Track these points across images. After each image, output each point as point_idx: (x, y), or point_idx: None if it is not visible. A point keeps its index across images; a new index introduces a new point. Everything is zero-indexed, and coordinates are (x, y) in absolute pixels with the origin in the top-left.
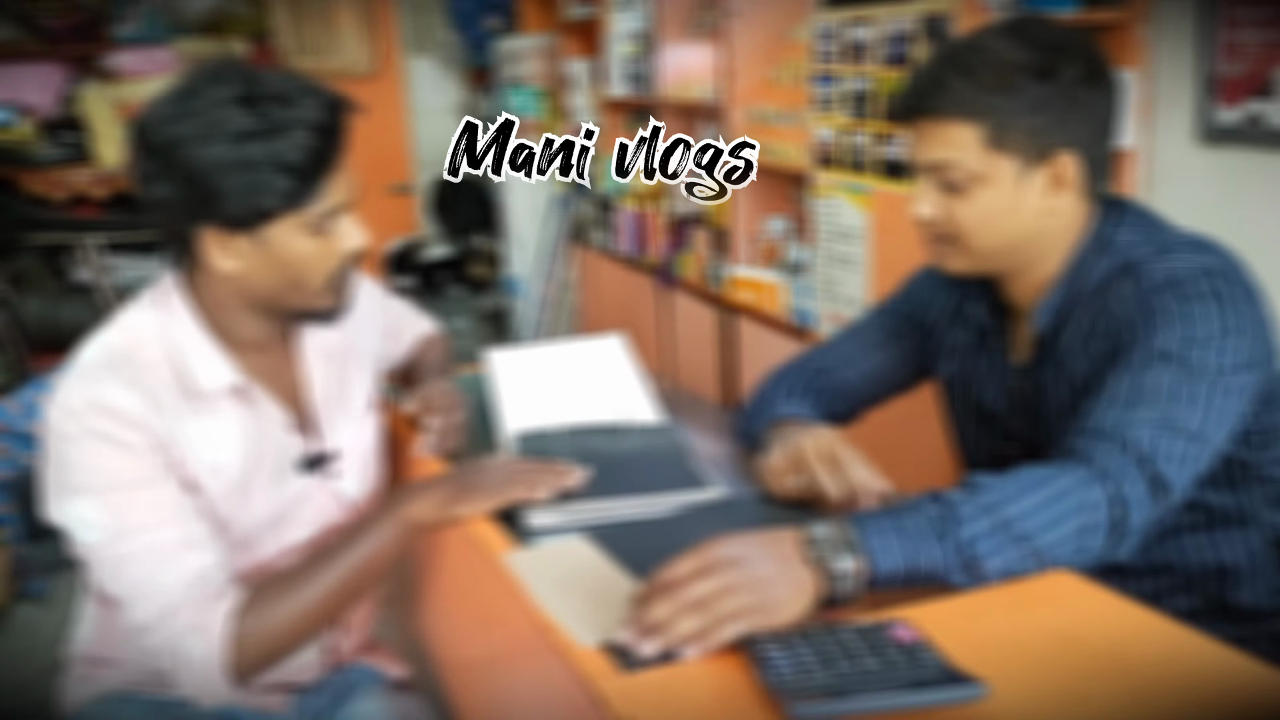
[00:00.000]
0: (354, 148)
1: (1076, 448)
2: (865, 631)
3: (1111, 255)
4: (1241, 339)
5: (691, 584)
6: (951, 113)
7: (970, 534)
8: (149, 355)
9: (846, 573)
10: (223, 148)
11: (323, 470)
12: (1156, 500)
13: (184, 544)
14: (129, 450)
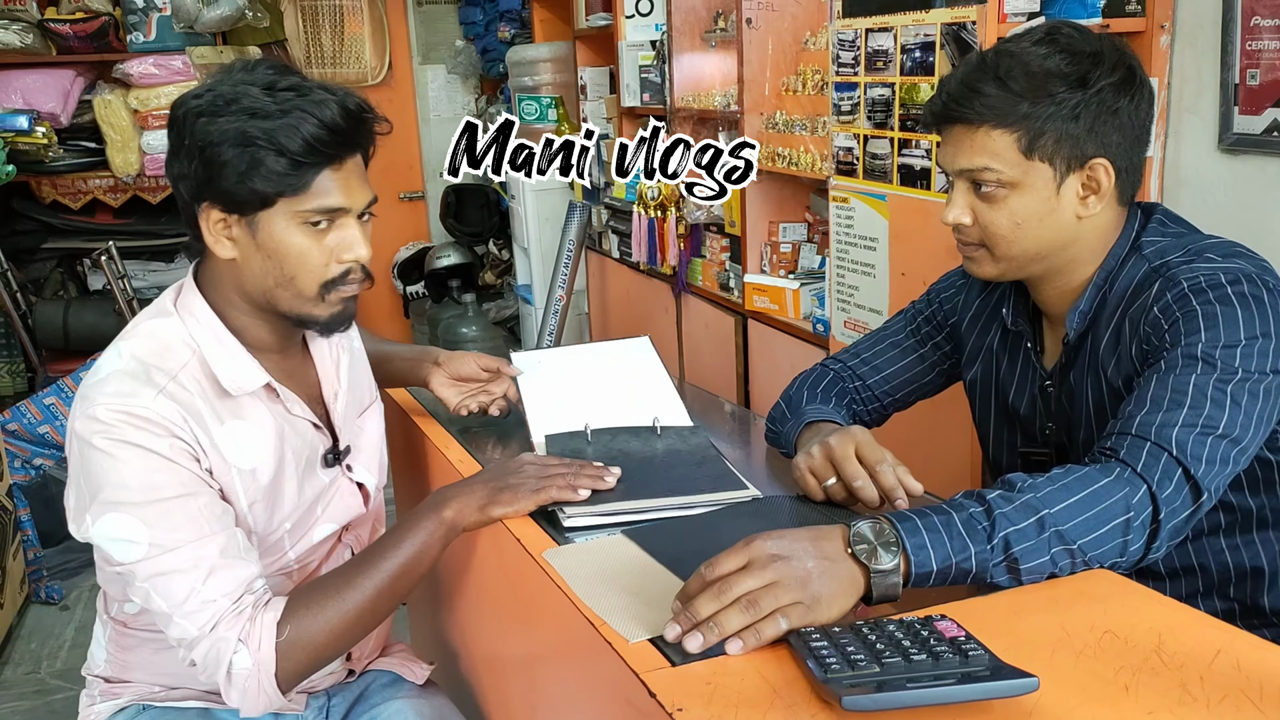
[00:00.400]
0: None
1: (1111, 449)
2: (911, 626)
3: (1142, 260)
4: (1272, 342)
5: (738, 579)
6: (987, 120)
7: (1010, 533)
8: (178, 360)
9: (891, 570)
10: (229, 122)
11: (341, 464)
12: (1191, 502)
13: (226, 555)
14: (166, 461)
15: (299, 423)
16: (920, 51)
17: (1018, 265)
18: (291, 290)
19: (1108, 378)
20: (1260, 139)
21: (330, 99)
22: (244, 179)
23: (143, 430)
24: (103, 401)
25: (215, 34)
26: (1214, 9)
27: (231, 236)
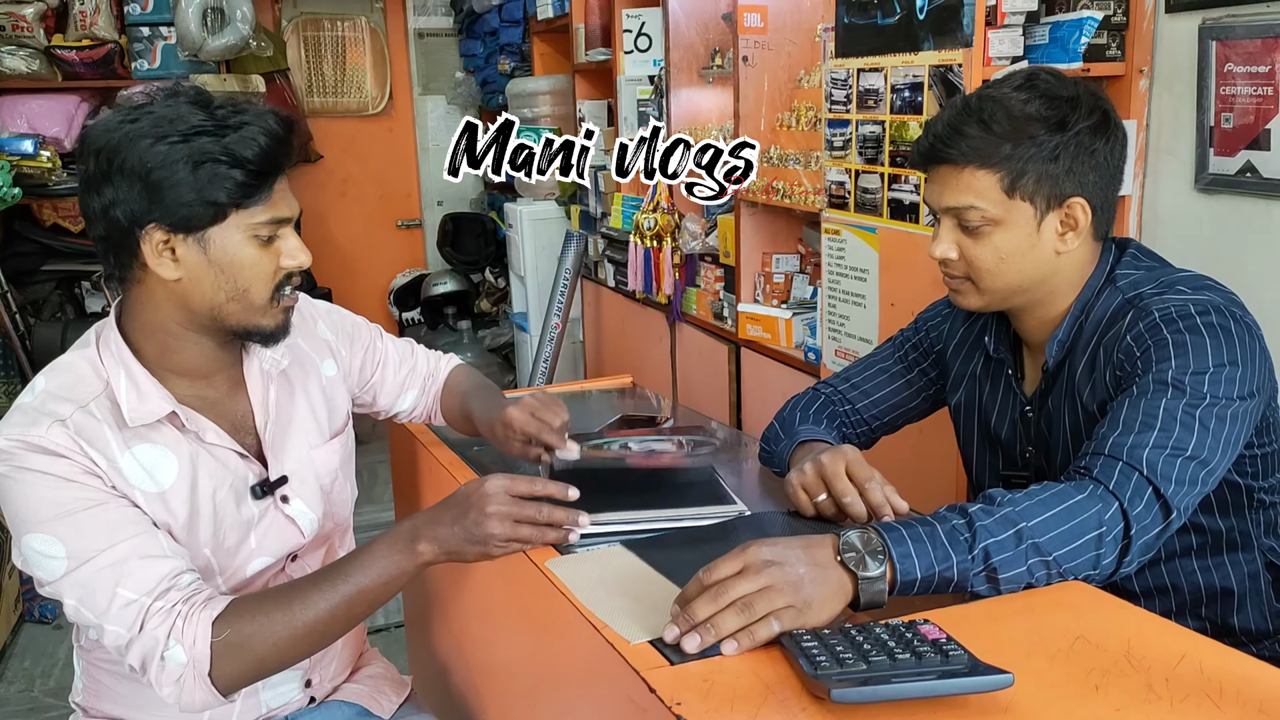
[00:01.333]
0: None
1: (1085, 468)
2: (896, 629)
3: (1116, 291)
4: (1240, 370)
5: (734, 583)
6: (972, 161)
7: (990, 544)
8: (88, 390)
9: (877, 576)
10: (174, 143)
11: (274, 495)
12: (1161, 519)
13: (143, 555)
14: (64, 480)
15: (217, 450)
16: (909, 91)
17: (1001, 297)
18: (244, 303)
19: (1083, 403)
20: (1234, 179)
21: (265, 112)
22: (201, 194)
23: (40, 455)
24: (5, 432)
25: (219, 62)
26: (1190, 55)
27: (176, 257)
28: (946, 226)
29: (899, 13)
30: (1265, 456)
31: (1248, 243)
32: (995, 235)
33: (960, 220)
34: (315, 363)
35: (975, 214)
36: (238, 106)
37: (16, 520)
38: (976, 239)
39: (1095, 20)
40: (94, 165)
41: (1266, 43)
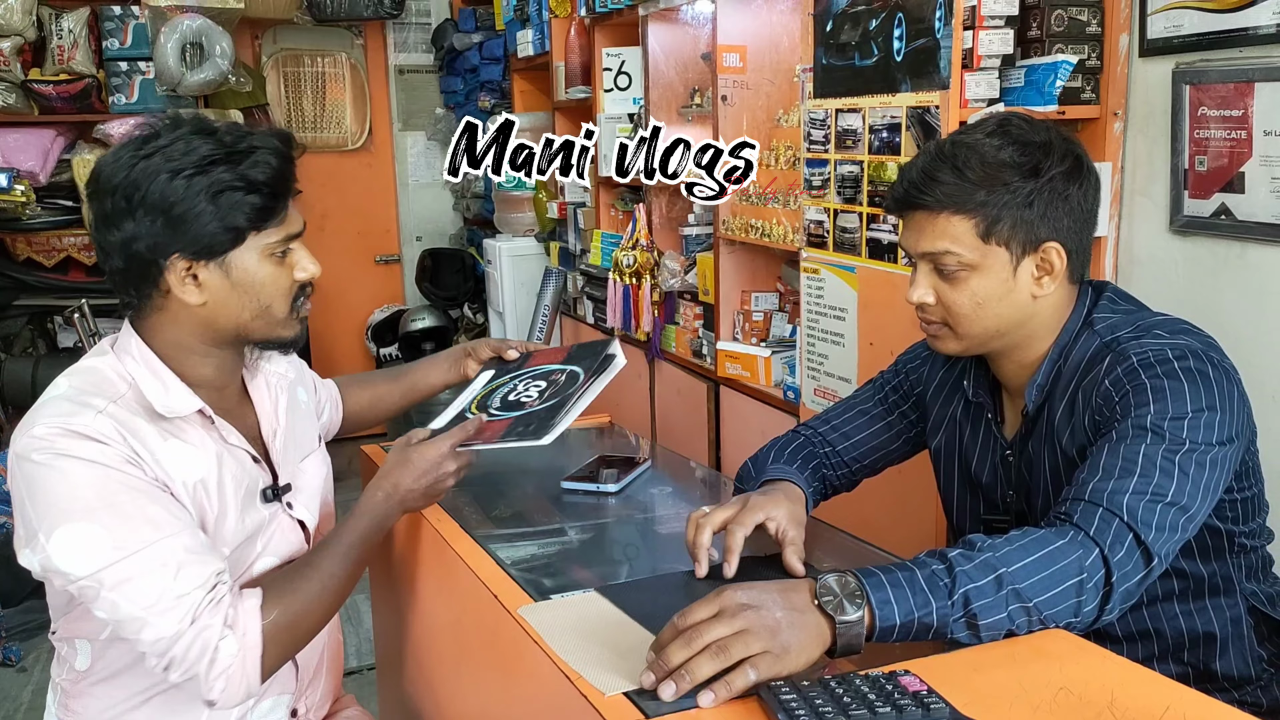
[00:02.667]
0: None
1: (1066, 514)
2: (876, 680)
3: (1094, 335)
4: (1218, 415)
5: (708, 627)
6: (947, 207)
7: (970, 589)
8: (116, 390)
9: (855, 621)
10: (192, 175)
11: (281, 500)
12: (1143, 566)
13: (191, 550)
14: (108, 468)
15: (237, 452)
16: (887, 132)
17: (978, 342)
18: (267, 317)
19: (1062, 447)
20: (1209, 222)
21: (268, 134)
22: (222, 223)
23: (84, 443)
24: (42, 421)
25: (197, 97)
26: (1164, 98)
27: (200, 283)
28: (923, 271)
29: (877, 55)
30: (1245, 501)
31: (1223, 284)
32: (972, 280)
33: (937, 265)
34: (300, 383)
35: (951, 259)
36: (242, 132)
37: (51, 511)
38: (953, 284)
39: (1070, 64)
40: (111, 202)
41: (1239, 87)
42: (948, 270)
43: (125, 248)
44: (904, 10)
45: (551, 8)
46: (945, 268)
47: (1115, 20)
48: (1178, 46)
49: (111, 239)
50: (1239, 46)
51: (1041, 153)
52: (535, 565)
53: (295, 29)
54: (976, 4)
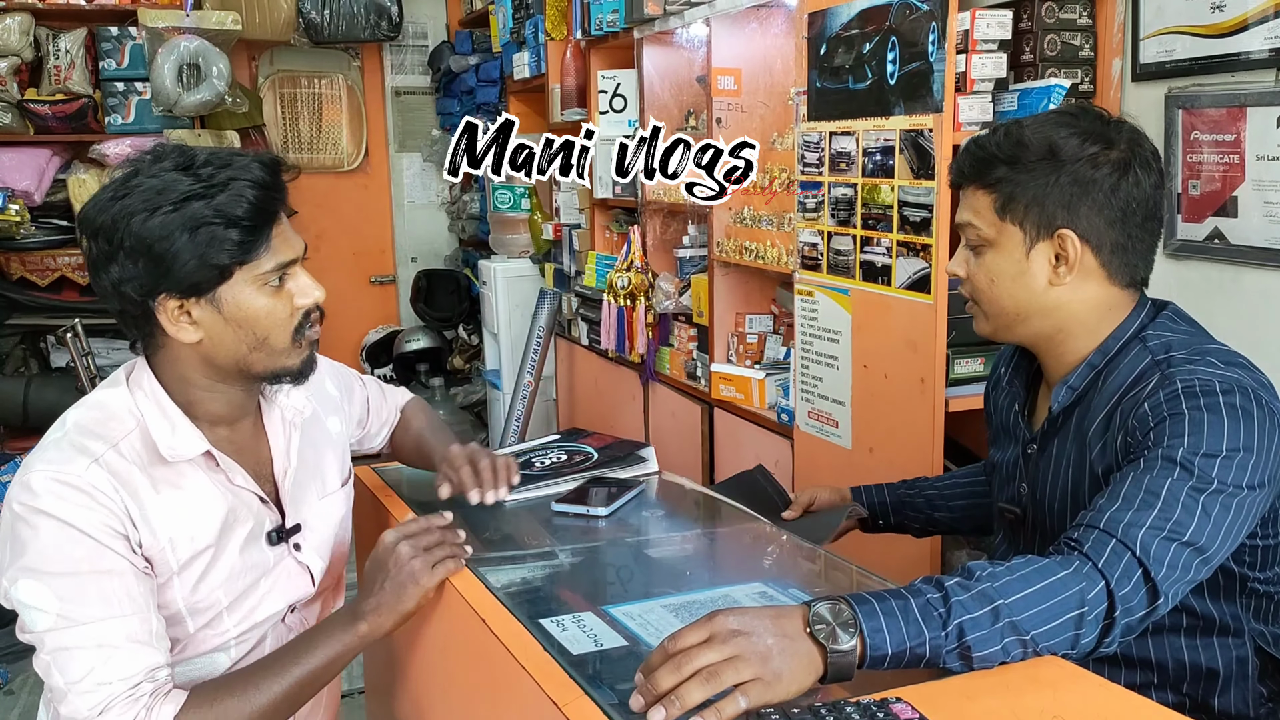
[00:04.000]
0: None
1: (1076, 541)
2: (867, 708)
3: (1145, 351)
4: (1253, 457)
5: (698, 652)
6: (974, 180)
7: (965, 621)
8: (121, 429)
9: (848, 650)
10: (167, 213)
11: (288, 543)
12: (1147, 603)
13: (133, 639)
14: (86, 537)
15: (243, 493)
16: (881, 155)
17: (1003, 324)
18: (266, 350)
19: (1091, 460)
20: (1202, 245)
21: (249, 162)
22: (203, 259)
23: (68, 502)
24: (38, 469)
25: (193, 118)
26: (1157, 123)
27: (193, 320)
28: (961, 245)
29: (870, 78)
30: (1267, 549)
31: (1216, 309)
32: (988, 256)
33: (965, 238)
34: (323, 417)
35: (972, 232)
36: (222, 161)
37: (18, 561)
38: (978, 259)
39: (1063, 88)
40: (96, 246)
41: (1231, 112)
42: (972, 243)
43: (116, 289)
44: (898, 34)
45: (547, 30)
46: (970, 241)
47: (1108, 45)
48: (1170, 71)
49: (102, 281)
50: (1231, 71)
51: (1080, 140)
52: (525, 589)
53: (292, 51)
54: (970, 28)
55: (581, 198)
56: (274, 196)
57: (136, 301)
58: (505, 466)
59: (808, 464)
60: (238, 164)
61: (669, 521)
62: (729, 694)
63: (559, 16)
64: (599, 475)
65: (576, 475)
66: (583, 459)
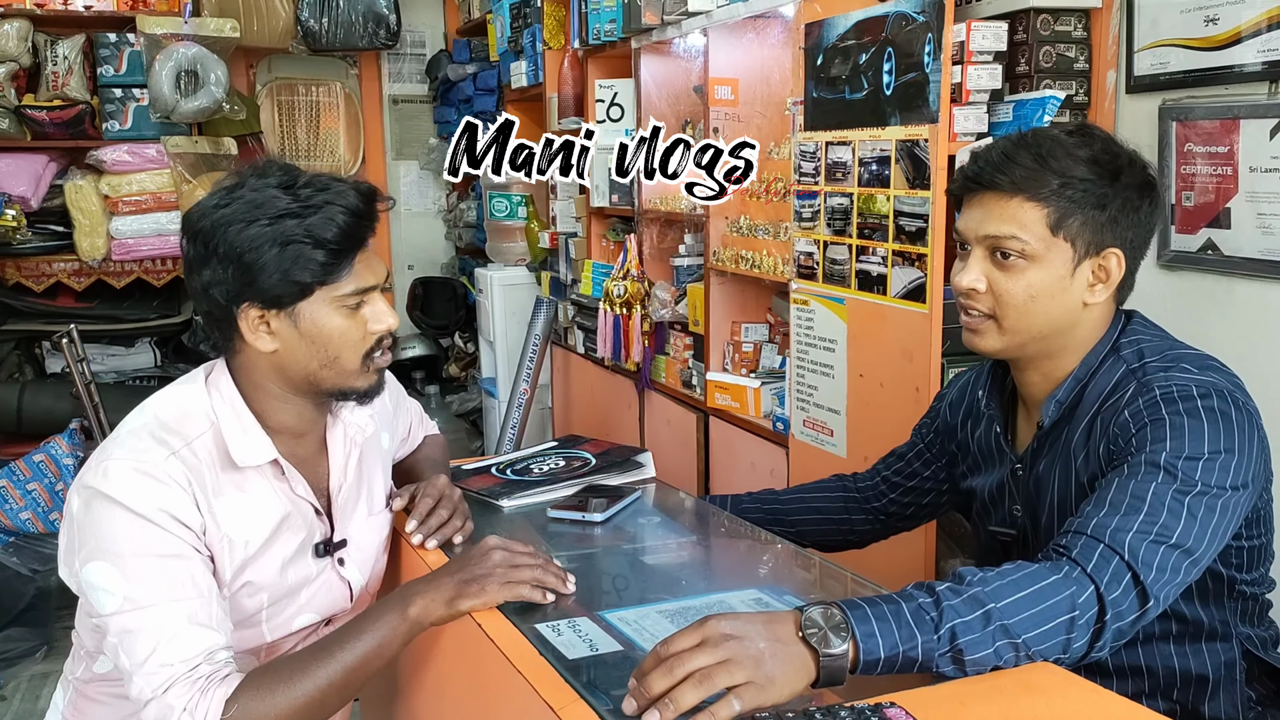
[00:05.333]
0: None
1: (1065, 547)
2: (862, 713)
3: (1120, 361)
4: (1235, 458)
5: (691, 656)
6: (1022, 190)
7: (957, 624)
8: (196, 429)
9: (840, 654)
10: (262, 226)
11: (333, 556)
12: (1138, 606)
13: (194, 621)
14: (155, 526)
15: (301, 504)
16: (877, 165)
17: (1020, 342)
18: (336, 369)
19: (1076, 470)
20: (1196, 256)
21: (346, 189)
22: (287, 275)
23: (142, 490)
24: (118, 455)
25: (191, 124)
26: (1151, 135)
27: (271, 330)
28: (977, 256)
29: (866, 88)
30: (1252, 550)
31: (1210, 319)
32: (1030, 271)
33: (998, 249)
34: (378, 437)
35: (1016, 245)
36: (321, 184)
37: (89, 543)
38: (1009, 273)
39: (1058, 99)
40: (193, 249)
41: (1225, 124)
42: (1009, 257)
43: (205, 292)
44: (894, 45)
45: (545, 39)
46: (1007, 253)
47: (1102, 57)
48: (1164, 83)
49: (194, 283)
50: (1225, 84)
51: (1125, 160)
52: None
53: (290, 58)
54: (965, 39)
55: (578, 206)
56: (364, 224)
57: (222, 305)
58: (455, 528)
59: (803, 473)
60: (335, 189)
61: (665, 528)
62: (723, 698)
63: (557, 26)
64: (595, 482)
65: (574, 481)
66: (580, 464)
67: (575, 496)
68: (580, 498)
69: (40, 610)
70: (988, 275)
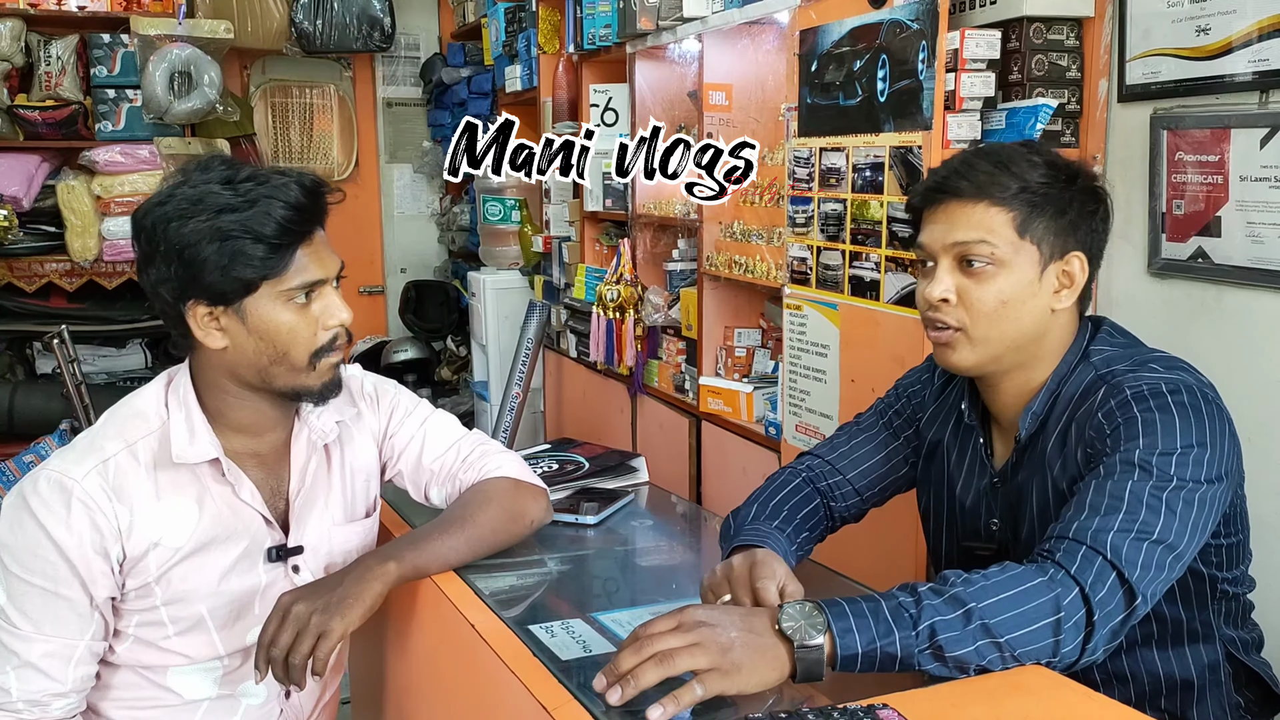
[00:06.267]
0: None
1: (1048, 551)
2: (854, 714)
3: (1089, 367)
4: (1207, 452)
5: (660, 638)
6: (987, 195)
7: (936, 621)
8: (143, 428)
9: (815, 648)
10: (202, 222)
11: (286, 563)
12: (1125, 605)
13: (48, 657)
14: (56, 551)
15: (244, 510)
16: (870, 171)
17: (992, 354)
18: (285, 365)
19: (1053, 479)
20: (1186, 264)
21: (289, 181)
22: (227, 271)
23: (55, 514)
24: (50, 465)
25: (184, 125)
26: (1142, 143)
27: (220, 327)
28: (945, 268)
29: (860, 95)
30: (1230, 547)
31: (1199, 327)
32: (1000, 277)
33: (966, 257)
34: (359, 445)
35: (985, 250)
36: (262, 178)
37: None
38: (979, 280)
39: (1050, 107)
40: (139, 246)
41: (1215, 133)
42: (976, 265)
43: (155, 290)
44: (888, 52)
45: (540, 44)
46: (975, 260)
47: (1094, 66)
48: (1156, 92)
49: (144, 281)
50: (1216, 93)
51: (1076, 167)
52: (514, 596)
53: (284, 60)
54: (959, 47)
55: (572, 211)
56: (305, 217)
57: (171, 304)
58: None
59: None
60: (276, 182)
61: (657, 531)
62: (687, 683)
63: (552, 30)
64: (588, 485)
65: (568, 484)
66: (574, 468)
67: (568, 499)
68: (573, 501)
69: None
70: (957, 285)
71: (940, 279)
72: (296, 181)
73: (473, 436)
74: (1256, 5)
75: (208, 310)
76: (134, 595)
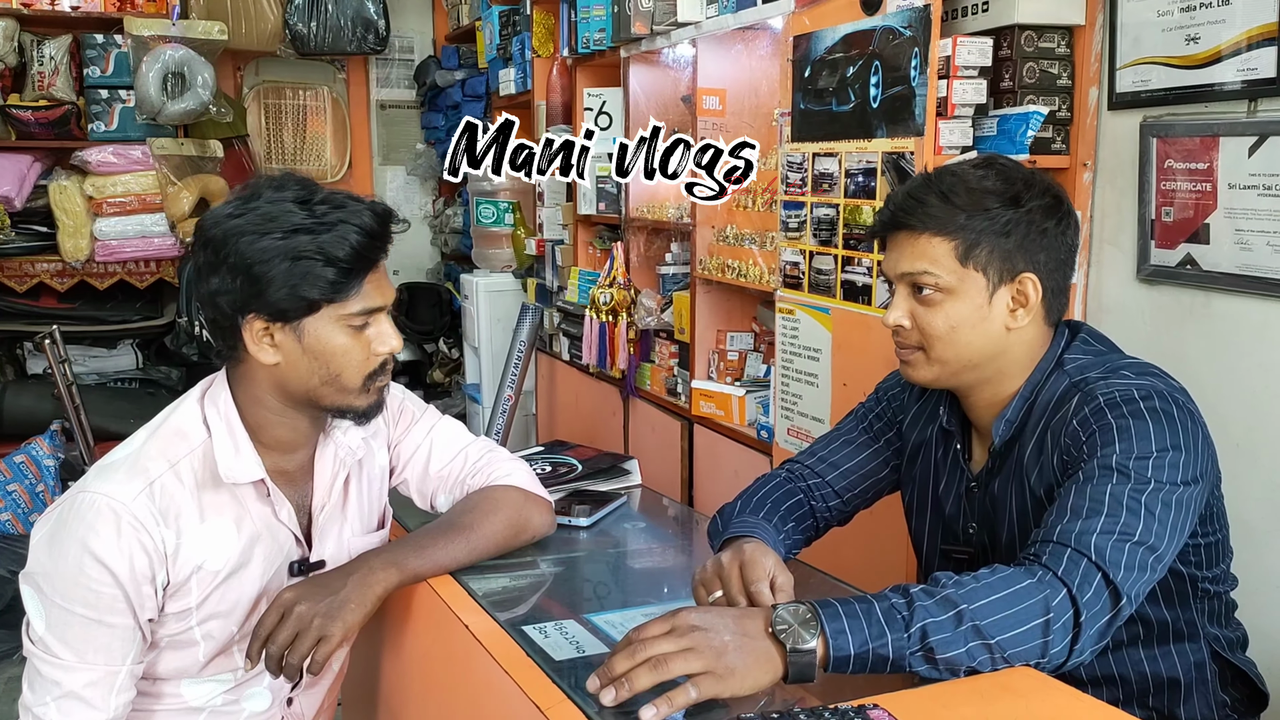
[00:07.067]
0: None
1: (1034, 555)
2: (845, 714)
3: (1063, 375)
4: (1182, 455)
5: (655, 642)
6: (929, 228)
7: (928, 623)
8: (186, 447)
9: (808, 651)
10: (275, 239)
11: (308, 577)
12: (1111, 606)
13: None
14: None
15: (279, 530)
16: (863, 176)
17: (951, 371)
18: (336, 386)
19: (1030, 485)
20: (1175, 271)
21: (363, 208)
22: (294, 290)
23: (106, 530)
24: (95, 488)
25: (177, 126)
26: (1132, 150)
27: (275, 343)
28: (901, 295)
29: (854, 101)
30: (1209, 546)
31: (1188, 333)
32: (947, 304)
33: (916, 285)
34: (376, 455)
35: (929, 279)
36: (337, 202)
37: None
38: (929, 307)
39: (1041, 115)
40: (203, 255)
41: (1204, 141)
42: (926, 292)
43: (211, 300)
44: (881, 59)
45: (534, 47)
46: (923, 288)
47: (1085, 73)
48: (1145, 100)
49: (202, 290)
50: (1205, 102)
51: (1023, 185)
52: (507, 597)
53: (278, 62)
54: (951, 54)
55: (565, 214)
56: (376, 245)
57: (227, 315)
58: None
59: None
60: (351, 208)
61: (650, 533)
62: (681, 685)
63: (546, 34)
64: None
65: (560, 487)
66: (567, 470)
67: (561, 502)
68: (566, 503)
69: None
70: (911, 311)
71: (896, 304)
72: (369, 209)
73: (480, 443)
74: (1245, 15)
75: (265, 325)
76: (172, 619)
